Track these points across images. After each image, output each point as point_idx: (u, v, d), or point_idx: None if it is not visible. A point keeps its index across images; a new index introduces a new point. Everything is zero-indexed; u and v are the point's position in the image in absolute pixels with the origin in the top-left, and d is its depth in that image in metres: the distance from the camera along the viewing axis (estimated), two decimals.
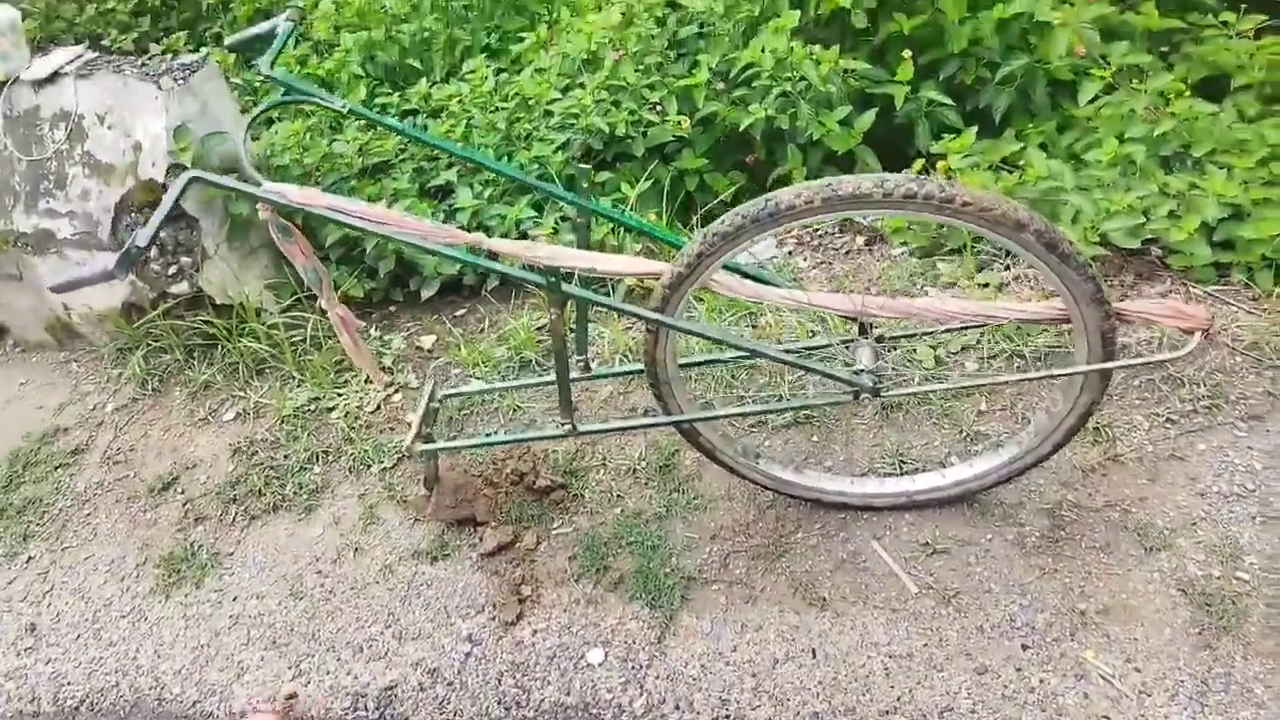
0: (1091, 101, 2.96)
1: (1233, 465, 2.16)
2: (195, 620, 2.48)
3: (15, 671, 2.48)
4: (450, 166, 3.52)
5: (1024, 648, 1.95)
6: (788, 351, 2.07)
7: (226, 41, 1.98)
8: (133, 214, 2.93)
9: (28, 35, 4.50)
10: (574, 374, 2.27)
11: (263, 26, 1.98)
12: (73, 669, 2.45)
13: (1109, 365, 1.77)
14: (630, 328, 2.92)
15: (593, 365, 2.71)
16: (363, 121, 3.76)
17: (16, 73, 3.06)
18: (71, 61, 3.04)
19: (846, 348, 2.03)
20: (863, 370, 1.94)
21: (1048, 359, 2.49)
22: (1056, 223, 2.66)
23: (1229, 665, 1.83)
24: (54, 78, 3.03)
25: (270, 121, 3.70)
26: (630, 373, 2.25)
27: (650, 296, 1.89)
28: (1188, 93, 2.77)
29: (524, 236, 3.22)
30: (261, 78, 4.18)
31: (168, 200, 1.59)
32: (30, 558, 2.77)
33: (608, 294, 2.97)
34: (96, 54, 3.12)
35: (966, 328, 2.16)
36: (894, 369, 2.46)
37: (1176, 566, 2.01)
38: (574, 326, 2.26)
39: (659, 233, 2.09)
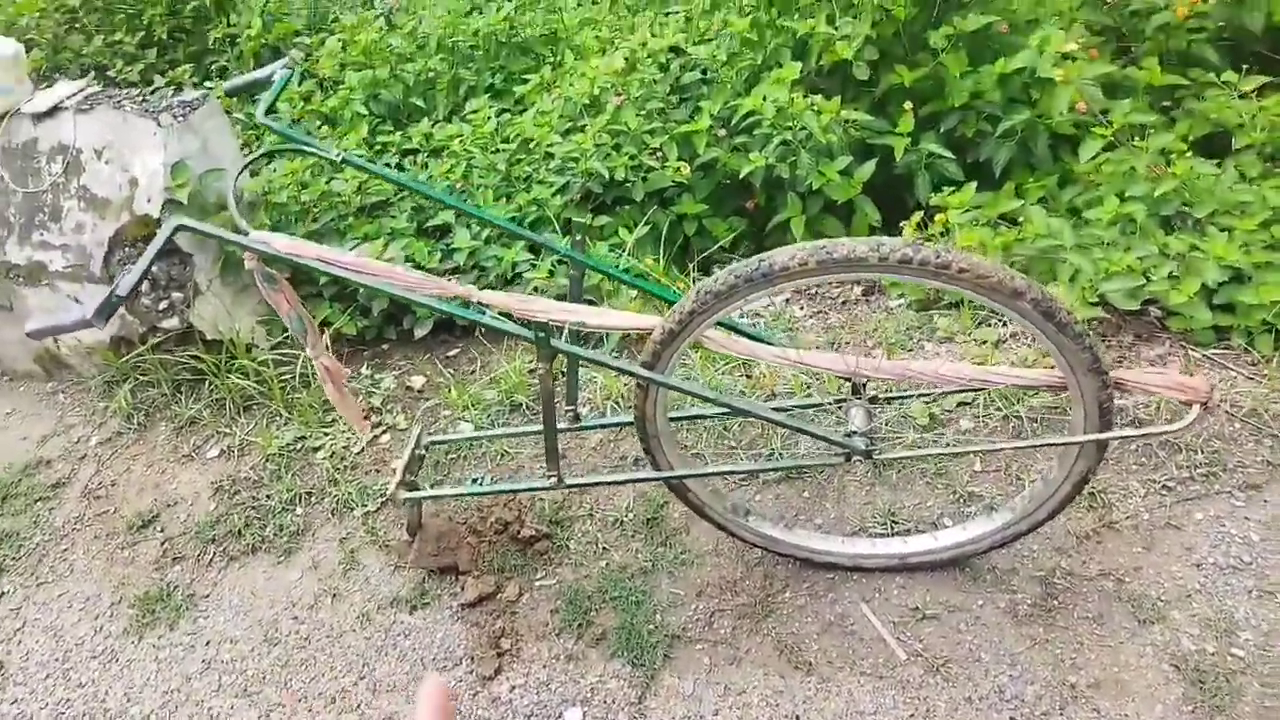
0: (1093, 159, 2.96)
1: (1229, 536, 2.12)
2: (167, 663, 2.42)
3: None
4: (448, 208, 3.51)
5: None
6: (779, 410, 2.03)
7: (225, 86, 1.97)
8: (126, 248, 2.91)
9: (34, 66, 4.55)
10: (563, 424, 2.24)
11: (261, 72, 1.97)
12: (39, 711, 2.38)
13: (1105, 436, 1.73)
14: (623, 375, 2.89)
15: (583, 414, 2.68)
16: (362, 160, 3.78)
17: (17, 105, 3.06)
18: (73, 96, 3.04)
19: (840, 406, 1.99)
20: (855, 432, 1.90)
21: (1044, 420, 2.45)
22: (1055, 282, 2.65)
23: None
24: (54, 111, 3.02)
25: (271, 156, 3.70)
26: (620, 424, 2.21)
27: (642, 351, 1.86)
28: (1189, 152, 2.77)
29: (516, 279, 3.20)
30: (253, 115, 4.21)
31: (153, 248, 1.56)
32: (3, 593, 2.71)
33: (600, 344, 2.95)
34: (99, 89, 3.12)
35: (963, 390, 2.12)
36: (888, 426, 2.44)
37: (1170, 640, 1.96)
38: (565, 374, 2.23)
39: (651, 288, 2.07)
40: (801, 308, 3.20)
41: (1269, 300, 2.40)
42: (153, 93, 3.15)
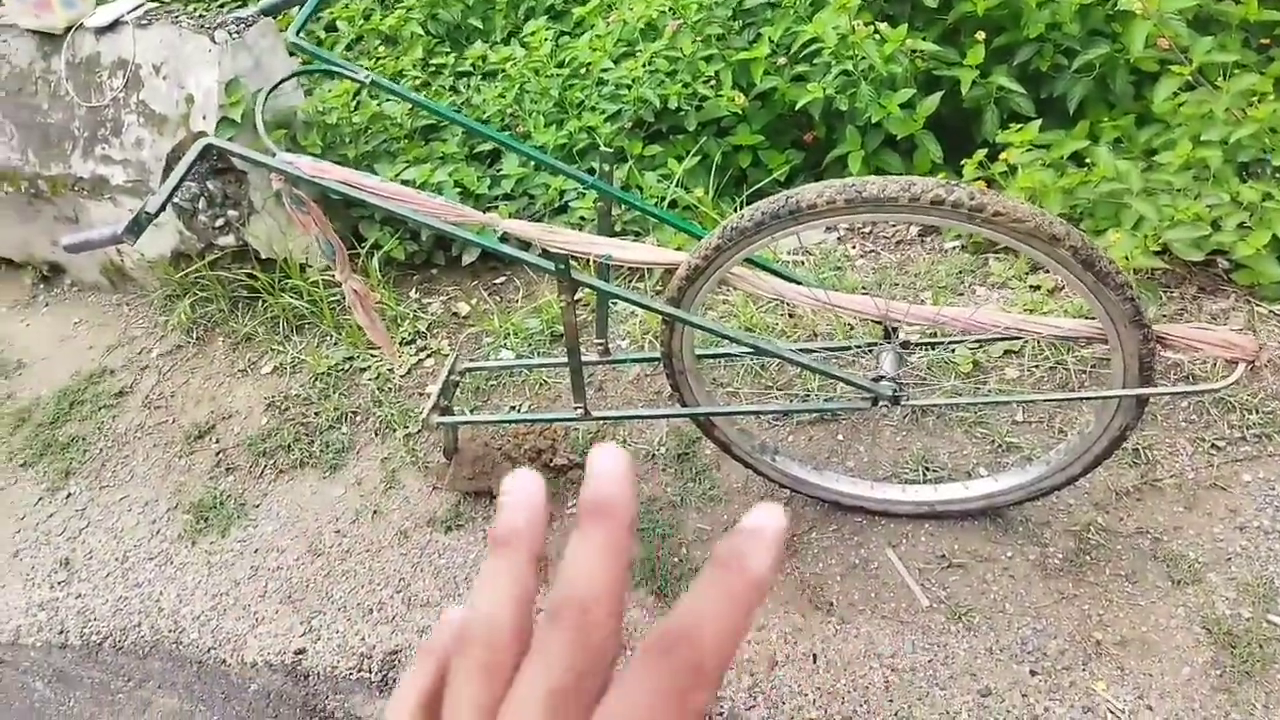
0: (1171, 98, 2.79)
1: (1277, 499, 2.04)
2: (218, 568, 2.54)
3: (48, 603, 2.58)
4: (500, 131, 3.49)
5: (1033, 673, 1.88)
6: (807, 351, 2.00)
7: (259, 5, 1.96)
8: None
9: None
10: (593, 357, 2.25)
11: None
12: (100, 605, 2.53)
13: (1144, 391, 1.67)
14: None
15: (617, 347, 2.69)
16: (417, 81, 3.77)
17: (81, 18, 3.11)
18: (132, 10, 3.08)
19: (870, 350, 1.96)
20: (883, 377, 1.87)
21: (1093, 372, 2.37)
22: (1117, 227, 2.53)
23: (1248, 712, 1.74)
24: (115, 25, 3.07)
25: (301, 76, 3.68)
26: (649, 359, 2.20)
27: (667, 287, 1.84)
28: (1273, 95, 2.59)
29: (564, 209, 3.18)
30: (319, 32, 4.19)
31: (182, 166, 1.59)
32: (70, 494, 2.86)
33: (641, 279, 2.92)
34: (157, 3, 3.15)
35: (980, 344, 2.06)
36: (929, 371, 2.39)
37: (1204, 603, 1.91)
38: (595, 307, 2.23)
39: (679, 223, 2.03)
40: (854, 246, 3.13)
41: None
42: (210, 7, 3.17)
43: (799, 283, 1.86)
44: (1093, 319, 1.68)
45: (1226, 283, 2.49)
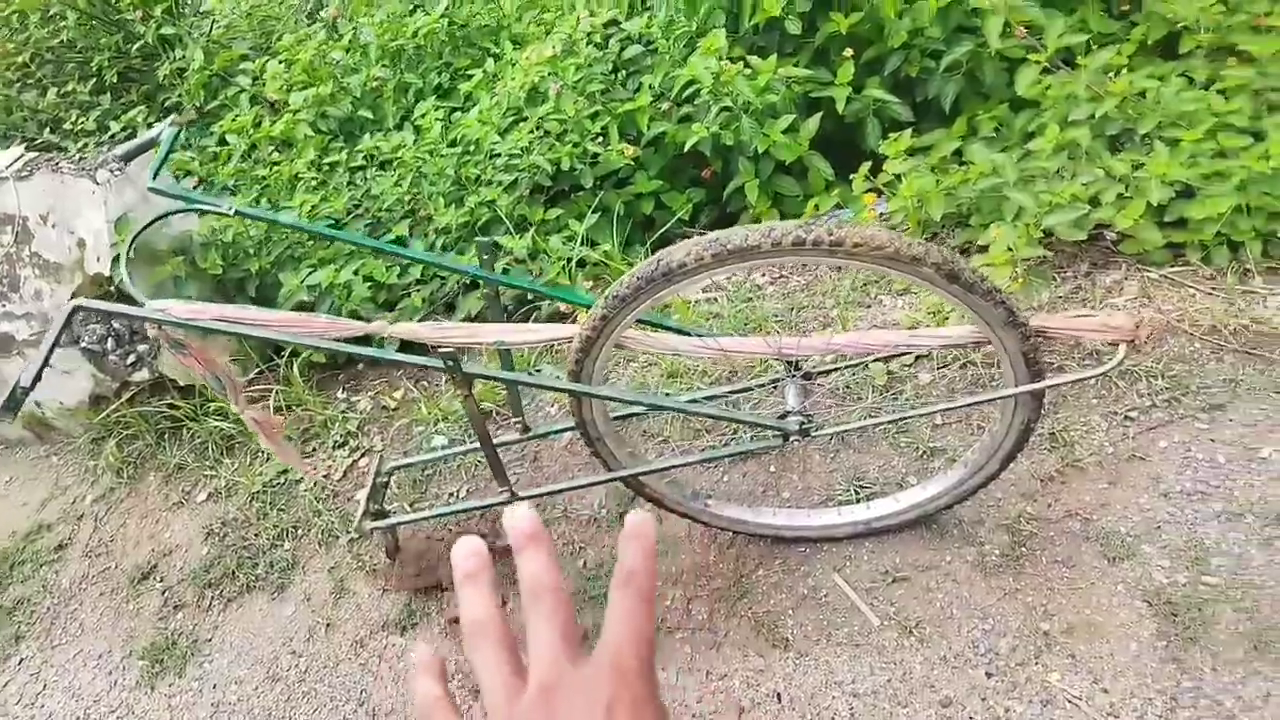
0: (1035, 85, 2.88)
1: (1195, 461, 2.09)
2: (179, 710, 2.49)
3: None
4: (403, 218, 3.51)
5: (988, 675, 1.89)
6: (712, 399, 2.03)
7: (116, 152, 1.97)
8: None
9: None
10: (514, 435, 2.25)
11: (146, 136, 1.97)
12: None
13: (1031, 388, 1.71)
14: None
15: (546, 416, 2.69)
16: (313, 182, 3.78)
17: None
18: (10, 164, 3.07)
19: (775, 387, 1.98)
20: (790, 412, 1.89)
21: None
22: (1000, 221, 2.60)
23: (1198, 678, 1.76)
24: None
25: (166, 216, 3.62)
26: (568, 429, 2.21)
27: (566, 361, 1.86)
28: (1128, 69, 2.68)
29: (475, 285, 3.20)
30: (212, 146, 4.19)
31: (51, 332, 1.58)
32: (22, 659, 2.79)
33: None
34: (35, 154, 3.14)
35: (890, 357, 2.10)
36: (846, 391, 2.42)
37: (1141, 575, 1.94)
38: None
39: (565, 295, 2.06)
40: (763, 274, 3.17)
41: (1216, 213, 2.33)
42: (89, 147, 3.16)
43: (691, 334, 1.89)
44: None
45: (1115, 254, 2.56)
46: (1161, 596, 1.90)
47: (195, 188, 4.07)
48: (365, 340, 1.87)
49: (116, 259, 2.92)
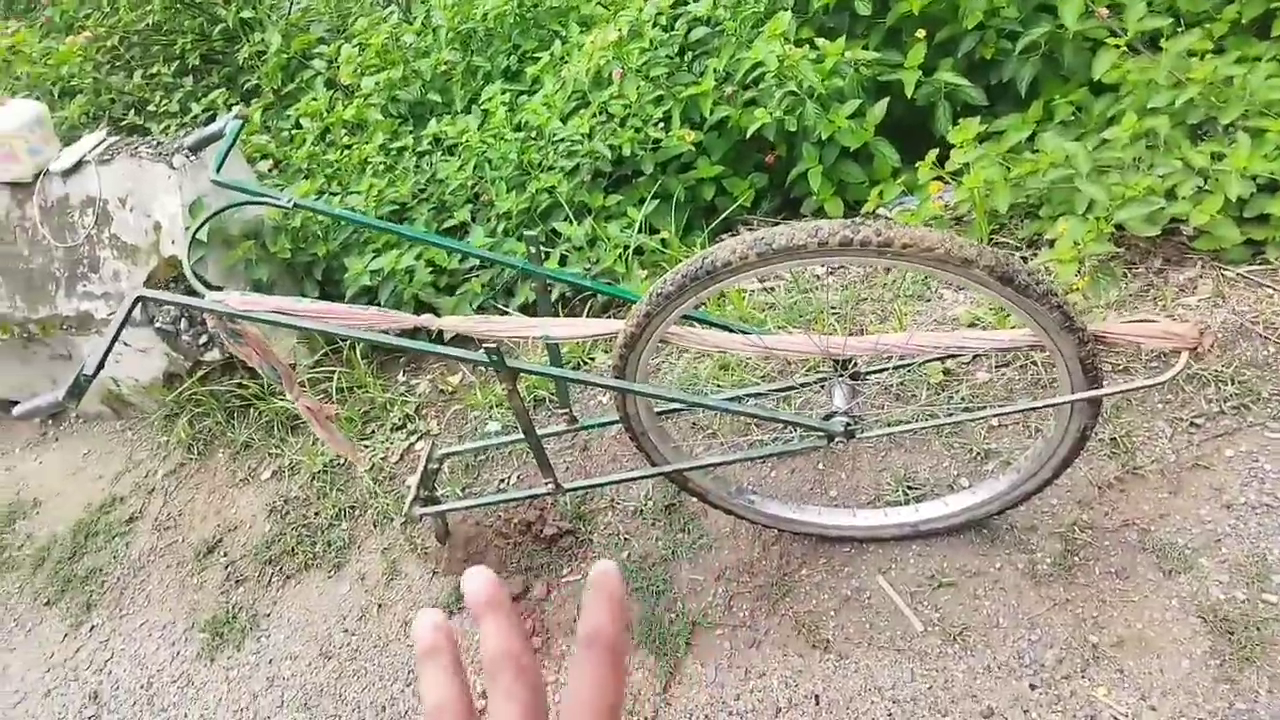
0: (1114, 69, 2.76)
1: (1262, 472, 1.99)
2: (236, 683, 2.58)
3: None
4: (466, 204, 3.55)
5: (1032, 687, 1.85)
6: (759, 396, 2.00)
7: (186, 142, 2.02)
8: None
9: (81, 110, 4.77)
10: (561, 426, 2.27)
11: (213, 127, 2.02)
12: None
13: (1086, 395, 1.65)
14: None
15: (599, 406, 2.70)
16: (381, 166, 3.84)
17: (47, 165, 3.22)
18: (94, 149, 3.18)
19: (823, 386, 1.95)
20: (836, 412, 1.86)
21: None
22: (1070, 214, 2.51)
23: (1252, 700, 1.69)
24: (79, 166, 3.17)
25: (226, 209, 3.67)
26: (615, 422, 2.22)
27: (611, 356, 1.86)
28: (1216, 51, 2.55)
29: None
30: (288, 129, 4.28)
31: (115, 322, 1.64)
32: (93, 626, 2.93)
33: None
34: (116, 138, 3.25)
35: (943, 359, 2.04)
36: (900, 388, 2.37)
37: (1198, 590, 1.87)
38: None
39: (611, 290, 2.05)
40: (821, 265, 3.12)
41: None
42: (169, 130, 3.25)
43: (735, 331, 1.87)
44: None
45: (1190, 251, 2.46)
46: (1218, 613, 1.83)
47: (271, 170, 4.18)
48: (416, 333, 1.90)
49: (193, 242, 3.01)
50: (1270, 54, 2.62)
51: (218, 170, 1.89)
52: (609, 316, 3.06)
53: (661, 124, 3.37)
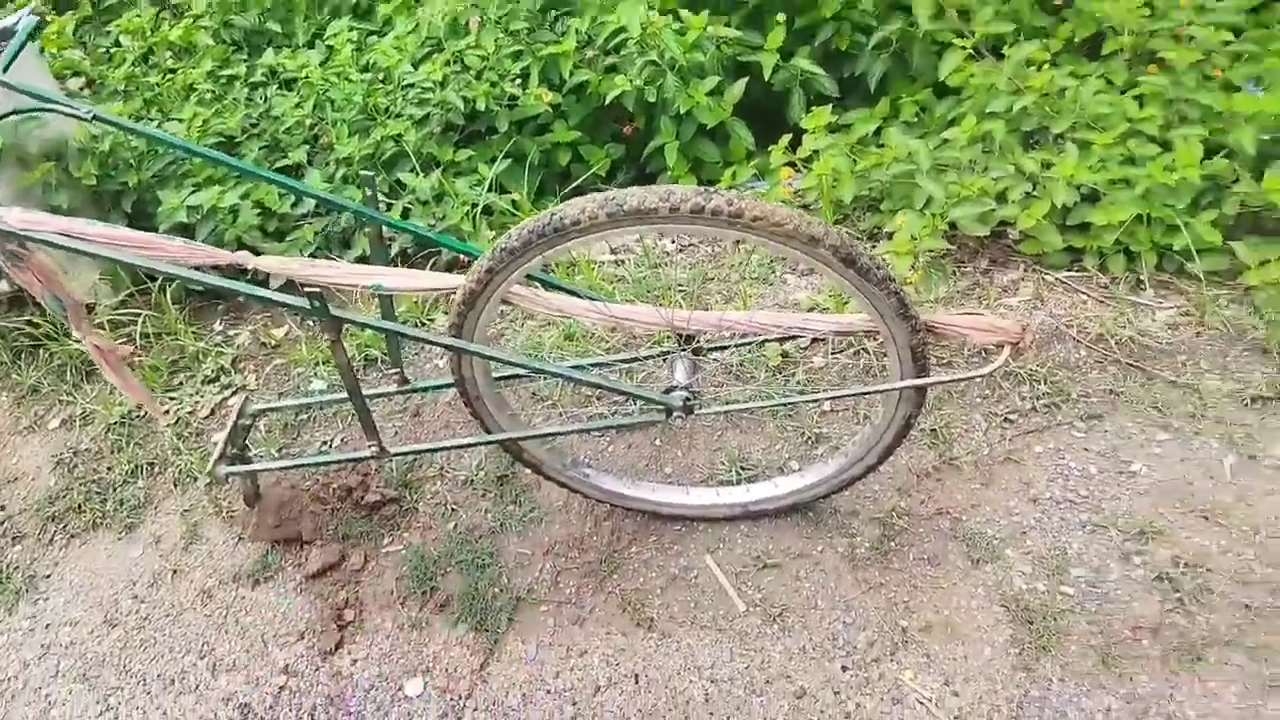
0: (961, 71, 2.85)
1: (1068, 469, 2.11)
2: (5, 649, 2.32)
3: None
4: (302, 144, 3.31)
5: (844, 669, 1.88)
6: (602, 367, 1.95)
7: None
8: None
9: None
10: (391, 388, 2.14)
11: (3, 22, 1.77)
12: None
13: (914, 383, 1.68)
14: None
15: (432, 370, 2.58)
16: (208, 95, 3.54)
17: None
18: None
19: (666, 360, 1.92)
20: (675, 387, 1.83)
21: None
22: (909, 209, 2.57)
23: (1045, 688, 1.78)
24: None
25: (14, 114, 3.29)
26: (449, 384, 2.11)
27: (449, 314, 1.75)
28: (1051, 64, 2.67)
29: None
30: (106, 46, 3.88)
31: None
32: None
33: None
34: None
35: (782, 339, 2.05)
36: (741, 367, 2.37)
37: (1002, 580, 1.95)
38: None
39: (455, 244, 1.95)
40: (673, 240, 3.10)
41: (1117, 220, 2.35)
42: None
43: (582, 296, 1.80)
44: None
45: (1015, 253, 2.57)
46: (1020, 602, 1.91)
47: (83, 89, 3.79)
48: (233, 272, 1.73)
49: None
50: (1099, 72, 2.77)
51: (4, 70, 1.66)
52: None
53: (519, 81, 3.25)
